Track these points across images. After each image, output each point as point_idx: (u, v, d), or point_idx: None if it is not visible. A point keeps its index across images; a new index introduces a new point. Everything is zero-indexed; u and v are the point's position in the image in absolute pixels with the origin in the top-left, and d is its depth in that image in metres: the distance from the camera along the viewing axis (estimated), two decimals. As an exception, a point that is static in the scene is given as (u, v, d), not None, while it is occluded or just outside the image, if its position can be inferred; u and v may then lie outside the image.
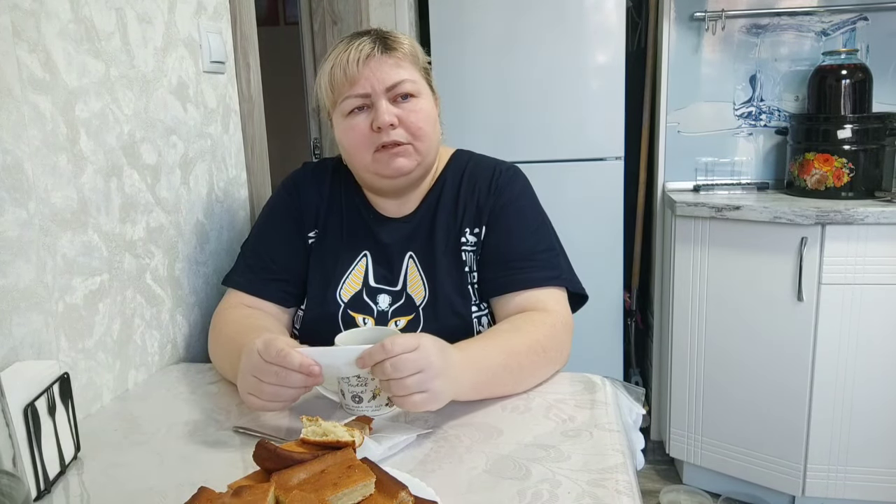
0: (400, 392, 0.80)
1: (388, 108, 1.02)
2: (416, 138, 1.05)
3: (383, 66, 1.03)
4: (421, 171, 1.09)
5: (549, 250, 1.10)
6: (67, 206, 0.92)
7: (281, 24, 3.69)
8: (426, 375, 0.79)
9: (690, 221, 2.11)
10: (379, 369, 0.80)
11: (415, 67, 1.07)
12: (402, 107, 1.04)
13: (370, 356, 0.80)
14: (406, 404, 0.81)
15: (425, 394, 0.80)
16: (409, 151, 1.05)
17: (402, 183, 1.09)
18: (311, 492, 0.62)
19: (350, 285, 1.11)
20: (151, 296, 1.11)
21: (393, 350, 0.78)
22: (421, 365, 0.79)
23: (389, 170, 1.05)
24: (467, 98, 2.39)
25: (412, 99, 1.05)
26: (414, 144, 1.05)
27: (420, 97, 1.06)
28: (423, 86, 1.07)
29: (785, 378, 1.99)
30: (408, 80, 1.04)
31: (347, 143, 1.07)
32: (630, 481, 0.73)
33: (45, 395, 0.75)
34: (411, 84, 1.04)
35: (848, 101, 2.08)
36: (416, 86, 1.05)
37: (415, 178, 1.09)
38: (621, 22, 2.32)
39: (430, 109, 1.07)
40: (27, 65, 0.85)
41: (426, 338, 0.82)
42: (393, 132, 1.03)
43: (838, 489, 1.98)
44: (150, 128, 1.11)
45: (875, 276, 1.87)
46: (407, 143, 1.04)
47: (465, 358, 0.87)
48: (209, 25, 1.30)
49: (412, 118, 1.04)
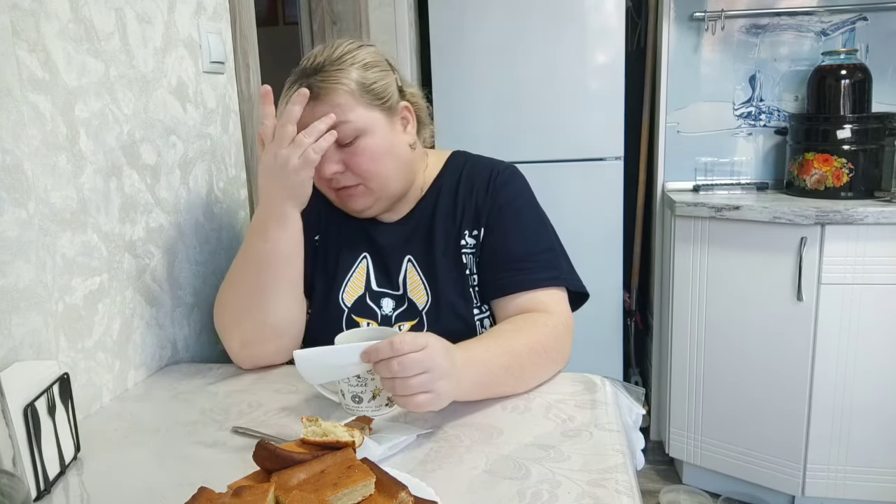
0: (404, 391, 0.79)
1: (330, 155, 1.01)
2: (366, 179, 1.03)
3: (316, 113, 0.98)
4: (386, 202, 1.08)
5: (548, 250, 1.09)
6: (67, 206, 0.92)
7: (280, 24, 3.69)
8: (431, 376, 0.79)
9: (690, 221, 2.11)
10: (384, 367, 0.79)
11: (353, 104, 1.00)
12: (346, 151, 1.02)
13: (376, 352, 0.80)
14: (409, 404, 0.81)
15: (429, 394, 0.80)
16: (360, 192, 1.05)
17: (369, 215, 1.10)
18: (310, 492, 0.62)
19: (352, 288, 1.10)
20: (151, 296, 1.11)
21: (401, 349, 0.78)
22: (427, 365, 0.79)
23: (349, 209, 1.08)
24: (466, 98, 2.39)
25: (356, 139, 1.01)
26: (365, 185, 1.04)
27: (363, 136, 1.01)
28: (365, 120, 1.01)
29: (785, 378, 1.99)
30: (341, 124, 0.99)
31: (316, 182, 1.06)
32: (630, 481, 0.73)
33: (44, 395, 0.74)
34: (347, 126, 0.99)
35: (847, 101, 2.08)
36: (355, 125, 1.00)
37: (379, 210, 1.10)
38: (621, 22, 2.32)
39: (377, 145, 1.02)
40: (27, 65, 0.85)
41: (433, 338, 0.82)
42: (342, 178, 1.03)
43: (838, 489, 1.99)
44: (149, 128, 1.11)
45: (874, 276, 1.87)
46: (357, 185, 1.04)
47: (468, 358, 0.87)
48: (209, 26, 1.30)
49: (355, 161, 1.02)
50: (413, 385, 0.79)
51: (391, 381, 0.80)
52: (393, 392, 0.81)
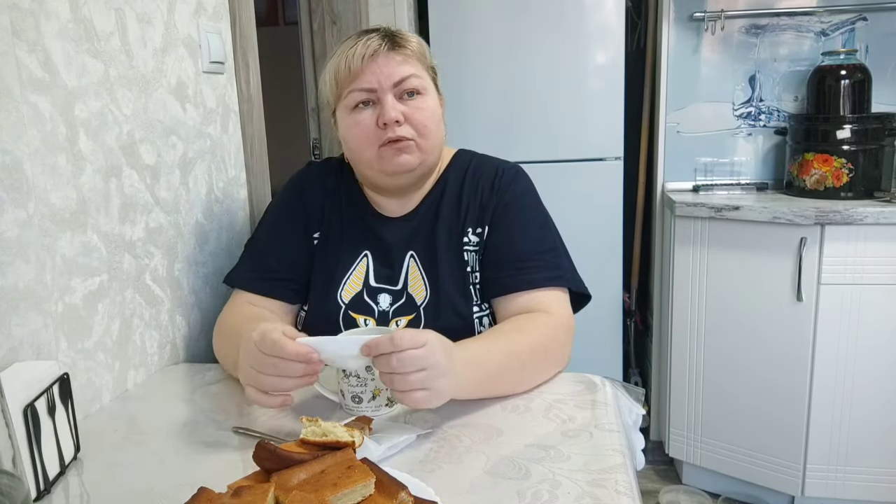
0: (402, 387, 0.79)
1: (393, 103, 1.03)
2: (421, 135, 1.05)
3: (390, 61, 1.03)
4: (424, 170, 1.09)
5: (551, 250, 1.10)
6: (67, 207, 0.92)
7: (280, 24, 3.69)
8: (430, 373, 0.79)
9: (690, 221, 2.11)
10: (384, 362, 0.79)
11: (422, 66, 1.07)
12: (408, 103, 1.04)
13: (376, 346, 0.79)
14: (406, 400, 0.80)
15: (427, 391, 0.80)
16: (412, 148, 1.04)
17: (404, 181, 1.09)
18: (310, 492, 0.62)
19: (351, 286, 1.10)
20: (151, 296, 1.11)
21: (401, 345, 0.78)
22: (426, 363, 0.79)
23: (393, 165, 1.04)
24: (467, 98, 2.39)
25: (418, 96, 1.05)
26: (417, 141, 1.04)
27: (426, 94, 1.06)
28: (429, 84, 1.08)
29: (784, 378, 1.99)
30: (414, 76, 1.04)
31: (352, 138, 1.06)
32: (630, 481, 0.73)
33: (44, 395, 0.74)
34: (417, 80, 1.05)
35: (847, 101, 2.08)
36: (423, 82, 1.06)
37: (417, 175, 1.09)
38: (621, 22, 2.32)
39: (435, 107, 1.08)
40: (26, 65, 0.85)
41: (432, 335, 0.82)
42: (398, 128, 1.03)
43: (838, 489, 1.99)
44: (149, 128, 1.11)
45: (874, 277, 1.87)
46: (411, 140, 1.04)
47: (467, 357, 0.87)
48: (208, 25, 1.30)
49: (418, 115, 1.04)
50: (411, 381, 0.79)
51: (390, 377, 0.80)
52: (391, 387, 0.81)
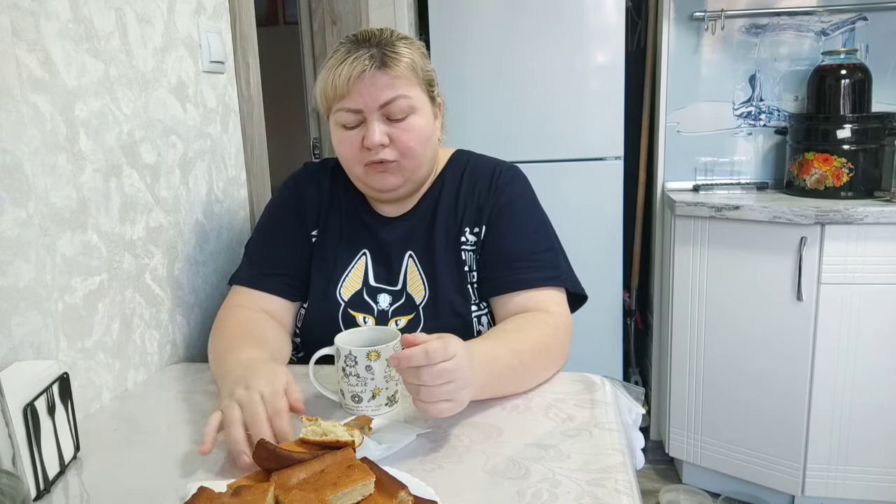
0: (428, 399, 0.77)
1: (378, 127, 1.02)
2: (405, 157, 1.04)
3: (378, 82, 1.01)
4: (410, 186, 1.10)
5: (549, 250, 1.10)
6: (67, 206, 0.92)
7: (281, 24, 3.69)
8: (457, 385, 0.78)
9: (690, 221, 2.11)
10: (413, 373, 0.77)
11: (413, 82, 1.04)
12: (395, 126, 1.03)
13: (408, 359, 0.76)
14: (431, 410, 0.78)
15: (451, 402, 0.78)
16: (395, 168, 1.05)
17: (393, 196, 1.10)
18: (310, 491, 0.62)
19: (350, 284, 1.11)
20: (151, 296, 1.11)
21: (434, 358, 0.76)
22: (455, 375, 0.77)
23: (378, 184, 1.06)
24: (467, 98, 2.39)
25: (406, 117, 1.03)
26: (402, 162, 1.04)
27: (415, 113, 1.04)
28: (419, 102, 1.05)
29: (784, 377, 1.99)
30: (401, 97, 1.02)
31: (340, 153, 1.08)
32: (630, 481, 0.73)
33: (44, 394, 0.74)
34: (405, 101, 1.02)
35: (847, 100, 2.08)
36: (411, 102, 1.03)
37: (404, 193, 1.10)
38: (621, 22, 2.32)
39: (423, 126, 1.05)
40: (26, 64, 0.85)
41: (459, 345, 0.79)
42: (382, 151, 1.03)
43: (838, 489, 1.98)
44: (149, 127, 1.11)
45: (874, 276, 1.87)
46: (394, 161, 1.04)
47: (477, 360, 0.86)
48: (209, 25, 1.30)
49: (404, 138, 1.03)
50: (439, 394, 0.77)
51: (416, 387, 0.78)
52: (416, 397, 0.79)
